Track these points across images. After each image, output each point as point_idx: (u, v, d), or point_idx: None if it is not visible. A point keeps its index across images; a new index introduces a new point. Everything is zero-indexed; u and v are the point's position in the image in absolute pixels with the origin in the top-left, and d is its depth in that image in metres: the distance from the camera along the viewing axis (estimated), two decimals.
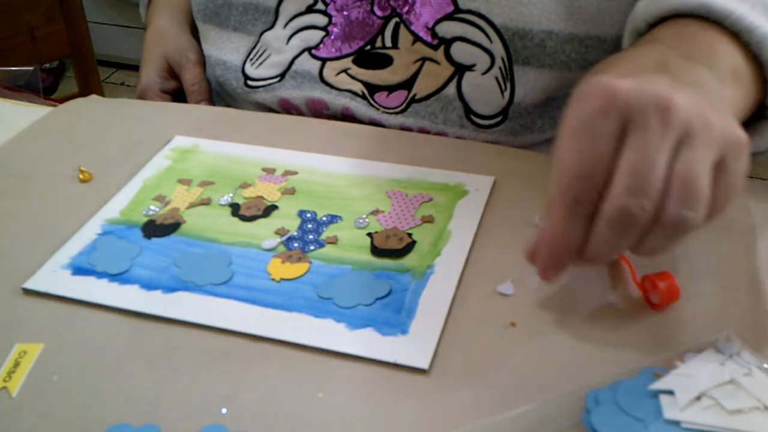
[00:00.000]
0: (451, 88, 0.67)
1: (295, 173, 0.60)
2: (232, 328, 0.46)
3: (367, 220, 0.55)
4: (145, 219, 0.55)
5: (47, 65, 2.21)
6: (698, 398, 0.36)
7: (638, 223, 0.38)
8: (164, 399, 0.42)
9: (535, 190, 0.58)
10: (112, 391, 0.43)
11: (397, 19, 0.66)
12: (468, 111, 0.67)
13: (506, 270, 0.50)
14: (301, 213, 0.56)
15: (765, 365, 0.38)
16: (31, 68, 1.04)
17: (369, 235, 0.53)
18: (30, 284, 0.50)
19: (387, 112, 0.68)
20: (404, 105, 0.68)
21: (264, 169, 0.60)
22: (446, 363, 0.44)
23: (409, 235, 0.53)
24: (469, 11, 0.64)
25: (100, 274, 0.50)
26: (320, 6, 0.68)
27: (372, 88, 0.69)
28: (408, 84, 0.68)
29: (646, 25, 0.53)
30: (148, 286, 0.49)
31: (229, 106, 0.77)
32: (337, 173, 0.60)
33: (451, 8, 0.64)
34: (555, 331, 0.45)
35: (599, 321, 0.46)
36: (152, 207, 0.57)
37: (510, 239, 0.52)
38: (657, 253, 0.40)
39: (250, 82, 0.73)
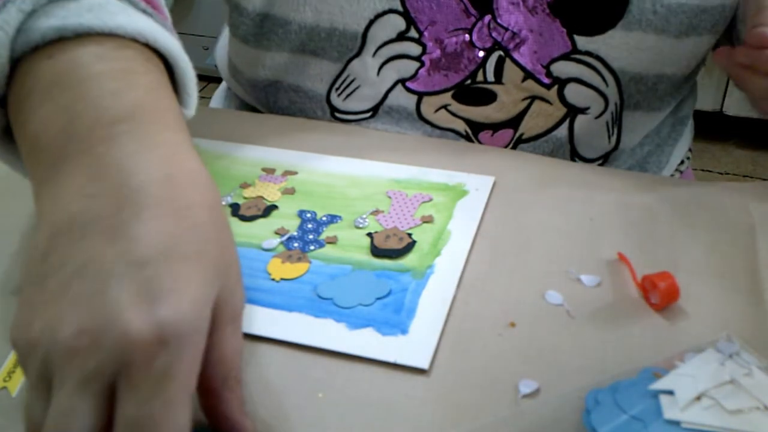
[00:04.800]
0: (563, 130, 0.65)
1: (295, 173, 0.60)
2: None
3: (367, 220, 0.55)
4: None
5: None
6: (698, 398, 0.36)
7: None
8: None
9: (535, 191, 0.58)
10: None
11: (500, 52, 0.62)
12: (573, 154, 0.66)
13: (507, 270, 0.50)
14: (301, 213, 0.56)
15: (765, 365, 0.38)
16: None
17: (369, 235, 0.53)
18: None
19: None
20: (511, 145, 0.66)
21: (264, 169, 0.60)
22: (446, 363, 0.44)
23: (409, 235, 0.53)
24: (587, 53, 0.61)
25: None
26: (413, 33, 0.62)
27: (475, 126, 0.65)
28: (515, 122, 0.65)
29: None
30: None
31: None
32: (337, 173, 0.60)
33: (569, 48, 0.61)
34: (555, 331, 0.45)
35: (599, 321, 0.46)
36: None
37: (510, 239, 0.53)
38: None
39: (338, 114, 0.69)
